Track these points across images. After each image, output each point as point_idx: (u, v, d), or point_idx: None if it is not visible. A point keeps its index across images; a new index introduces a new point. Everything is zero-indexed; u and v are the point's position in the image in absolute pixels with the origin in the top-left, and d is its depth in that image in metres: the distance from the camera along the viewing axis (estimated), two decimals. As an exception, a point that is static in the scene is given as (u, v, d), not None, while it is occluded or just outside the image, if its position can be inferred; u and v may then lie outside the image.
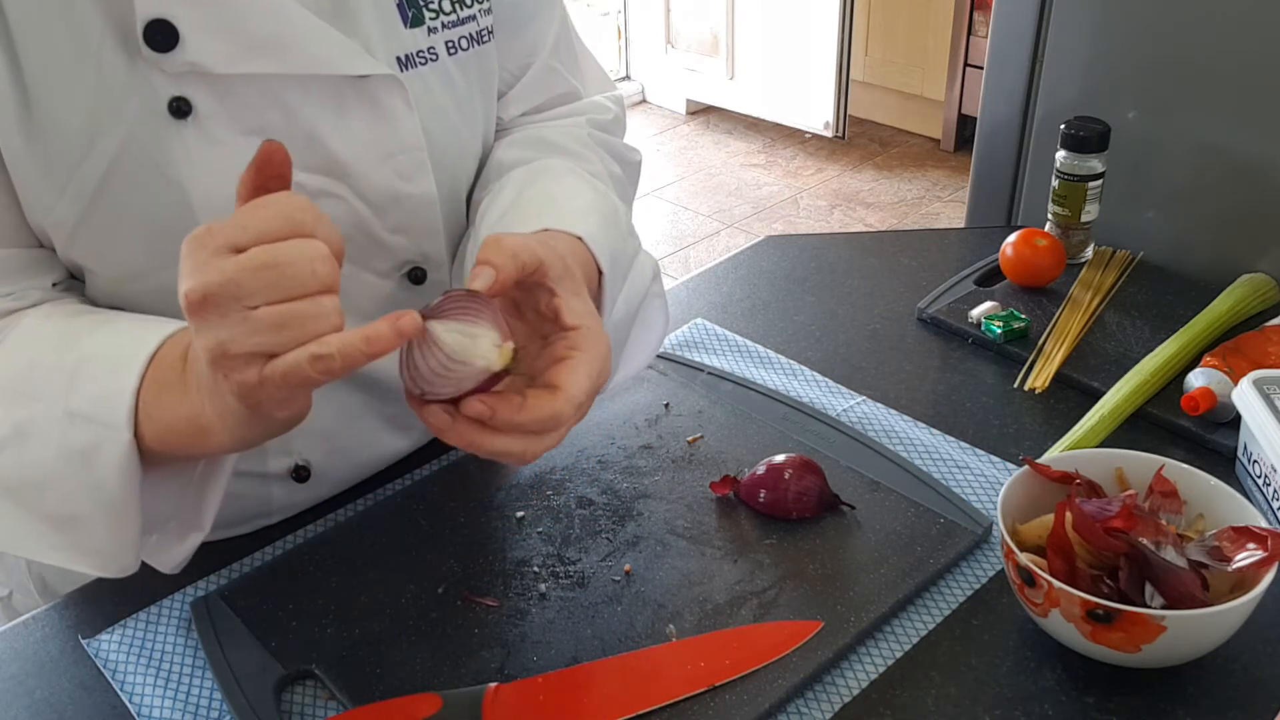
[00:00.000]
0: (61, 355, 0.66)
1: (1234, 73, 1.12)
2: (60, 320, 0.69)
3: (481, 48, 0.82)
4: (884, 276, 1.21)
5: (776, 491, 0.82)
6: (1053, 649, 0.74)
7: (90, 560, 0.68)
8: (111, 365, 0.64)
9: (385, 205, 0.77)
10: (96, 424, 0.64)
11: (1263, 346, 0.97)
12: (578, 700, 0.70)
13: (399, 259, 0.81)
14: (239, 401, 0.57)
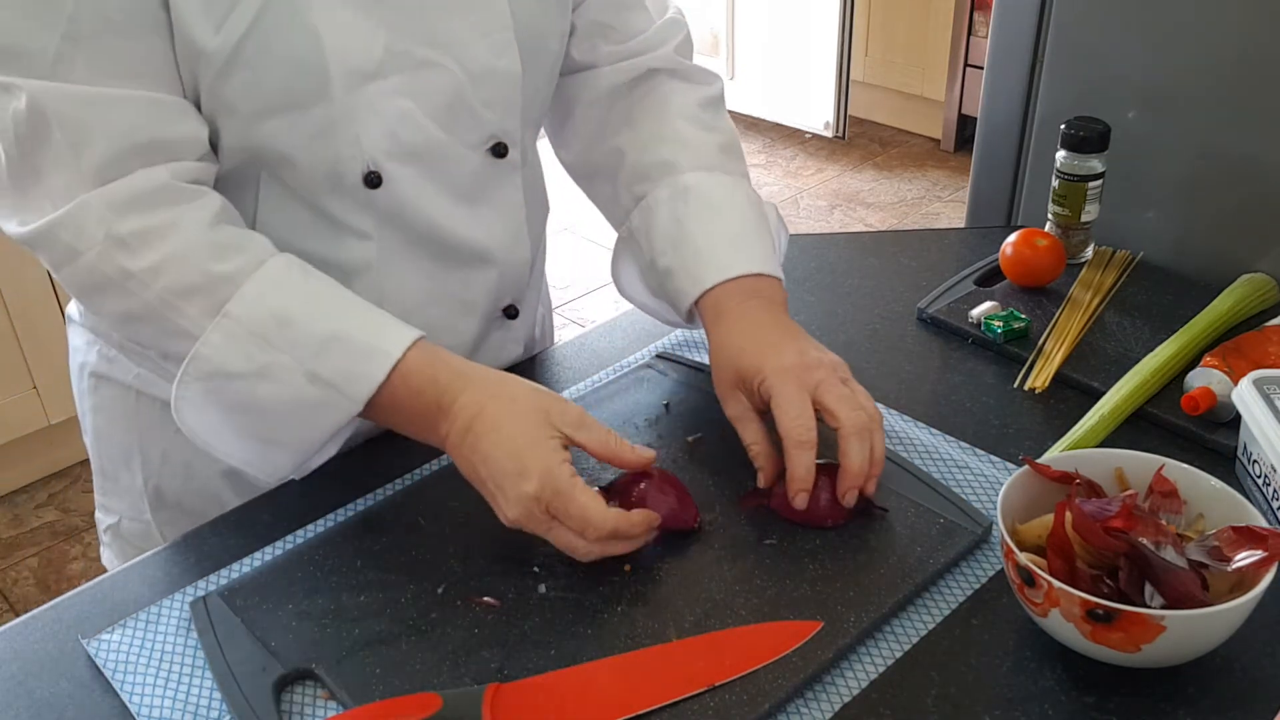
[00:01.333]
0: (313, 321, 0.79)
1: (1234, 73, 1.12)
2: (302, 281, 0.81)
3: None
4: (884, 276, 1.21)
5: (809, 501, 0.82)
6: (1053, 649, 0.74)
7: (264, 469, 0.84)
8: (365, 350, 0.79)
9: (480, 77, 0.87)
10: (335, 391, 0.79)
11: (1263, 346, 0.97)
12: (578, 700, 0.70)
13: (487, 132, 0.90)
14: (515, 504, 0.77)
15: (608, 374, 1.04)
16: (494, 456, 0.77)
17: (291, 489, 0.92)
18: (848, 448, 0.81)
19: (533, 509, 0.75)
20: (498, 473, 0.76)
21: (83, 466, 2.42)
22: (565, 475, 0.75)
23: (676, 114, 1.00)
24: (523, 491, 0.75)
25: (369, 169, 0.84)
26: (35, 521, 2.29)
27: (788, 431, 0.83)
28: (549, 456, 0.76)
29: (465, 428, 0.78)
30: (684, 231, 0.94)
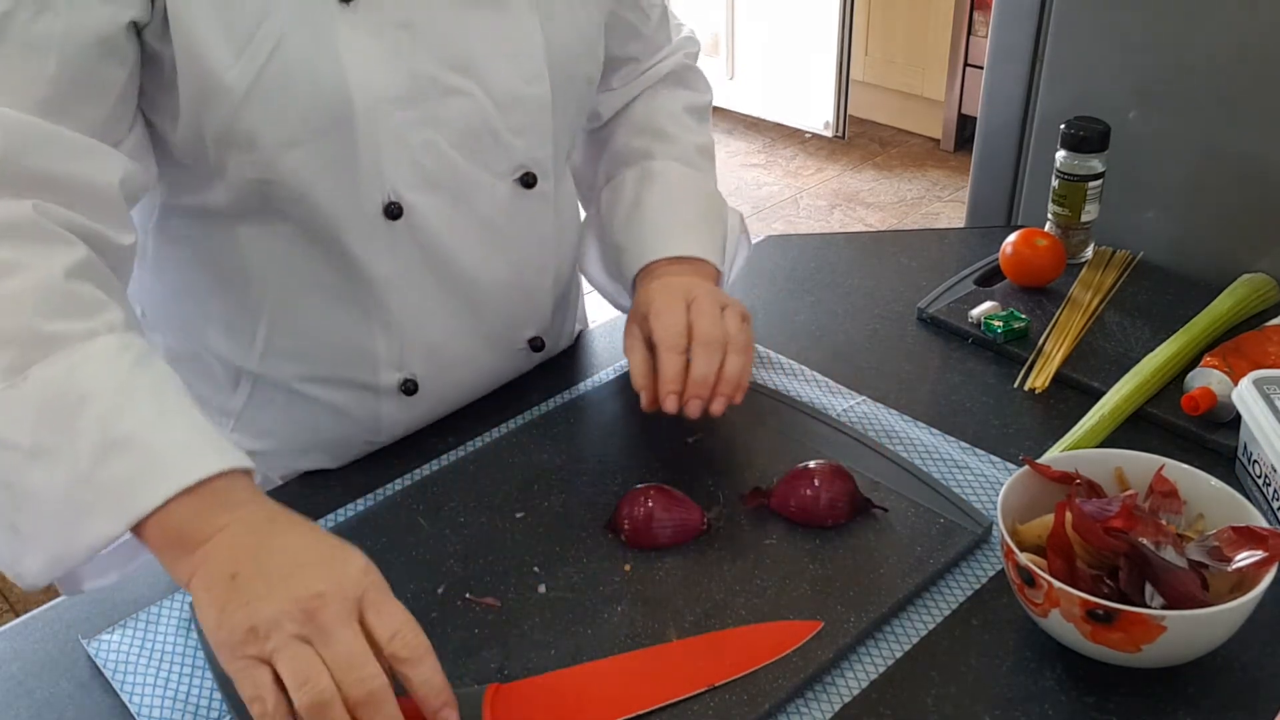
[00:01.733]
0: (112, 416, 0.66)
1: (1234, 73, 1.12)
2: (128, 369, 0.69)
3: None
4: (884, 276, 1.21)
5: (806, 500, 0.82)
6: (1053, 649, 0.74)
7: (10, 563, 0.68)
8: (154, 465, 0.66)
9: (508, 104, 0.84)
10: (104, 502, 0.65)
11: (1263, 346, 0.97)
12: (578, 700, 0.70)
13: (514, 162, 0.87)
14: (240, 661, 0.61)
15: (608, 374, 1.04)
16: (297, 543, 0.65)
17: (291, 490, 0.92)
18: (693, 357, 0.84)
19: (349, 587, 0.62)
20: (301, 554, 0.64)
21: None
22: None
23: (664, 112, 1.04)
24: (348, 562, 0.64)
25: (390, 200, 0.81)
26: (35, 521, 2.29)
27: (658, 336, 0.86)
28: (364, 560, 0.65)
29: (244, 530, 0.66)
30: (641, 211, 0.97)
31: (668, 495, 0.83)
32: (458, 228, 0.86)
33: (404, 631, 0.62)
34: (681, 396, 0.84)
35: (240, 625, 0.60)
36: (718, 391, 0.85)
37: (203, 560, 0.65)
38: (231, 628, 0.61)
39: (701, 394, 0.84)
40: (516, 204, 0.89)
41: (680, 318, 0.86)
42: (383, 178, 0.81)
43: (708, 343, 0.85)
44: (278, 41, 0.74)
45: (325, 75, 0.76)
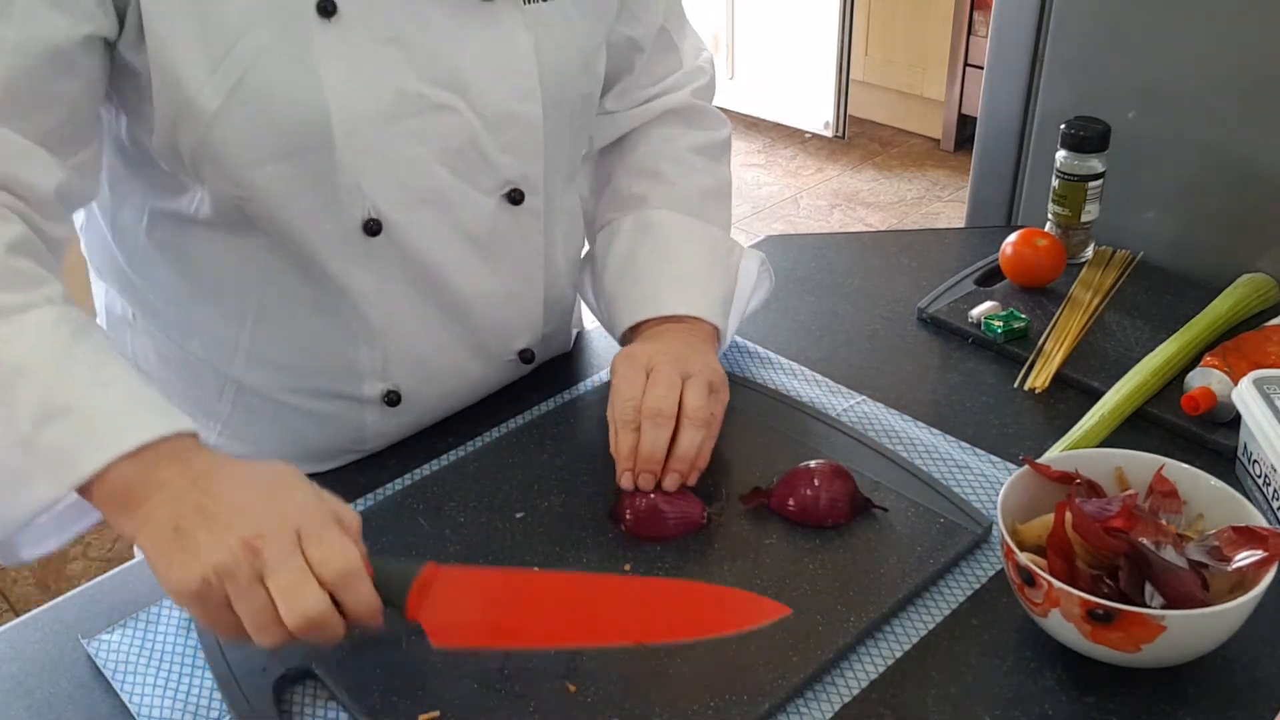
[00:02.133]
0: (51, 385, 0.68)
1: (1234, 73, 1.12)
2: (66, 340, 0.70)
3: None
4: (884, 276, 1.21)
5: (806, 500, 0.82)
6: (1053, 649, 0.74)
7: None
8: (92, 431, 0.67)
9: (497, 123, 0.83)
10: (43, 468, 0.67)
11: (1263, 346, 0.97)
12: (509, 609, 0.69)
13: (502, 177, 0.86)
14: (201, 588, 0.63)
15: (608, 374, 1.04)
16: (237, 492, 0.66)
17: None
18: (641, 432, 0.83)
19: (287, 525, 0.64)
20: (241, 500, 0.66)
21: (83, 466, 2.42)
22: None
23: (667, 153, 1.01)
24: (288, 499, 0.66)
25: (369, 216, 0.80)
26: (35, 521, 2.29)
27: (612, 413, 0.85)
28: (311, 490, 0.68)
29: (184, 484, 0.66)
30: (634, 265, 0.95)
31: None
32: (442, 243, 0.85)
33: (332, 560, 0.64)
34: None
35: (193, 577, 0.63)
36: (668, 468, 0.82)
37: (145, 518, 0.66)
38: (185, 579, 0.63)
39: (650, 469, 0.82)
40: (503, 220, 0.88)
41: (634, 389, 0.84)
42: (362, 195, 0.80)
43: (654, 415, 0.82)
44: (254, 59, 0.73)
45: (302, 93, 0.75)
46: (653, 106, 1.02)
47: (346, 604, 0.65)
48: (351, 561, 0.65)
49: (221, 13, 0.72)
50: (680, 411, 0.84)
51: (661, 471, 0.83)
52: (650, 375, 0.85)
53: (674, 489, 0.83)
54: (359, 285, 0.84)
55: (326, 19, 0.74)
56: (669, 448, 0.83)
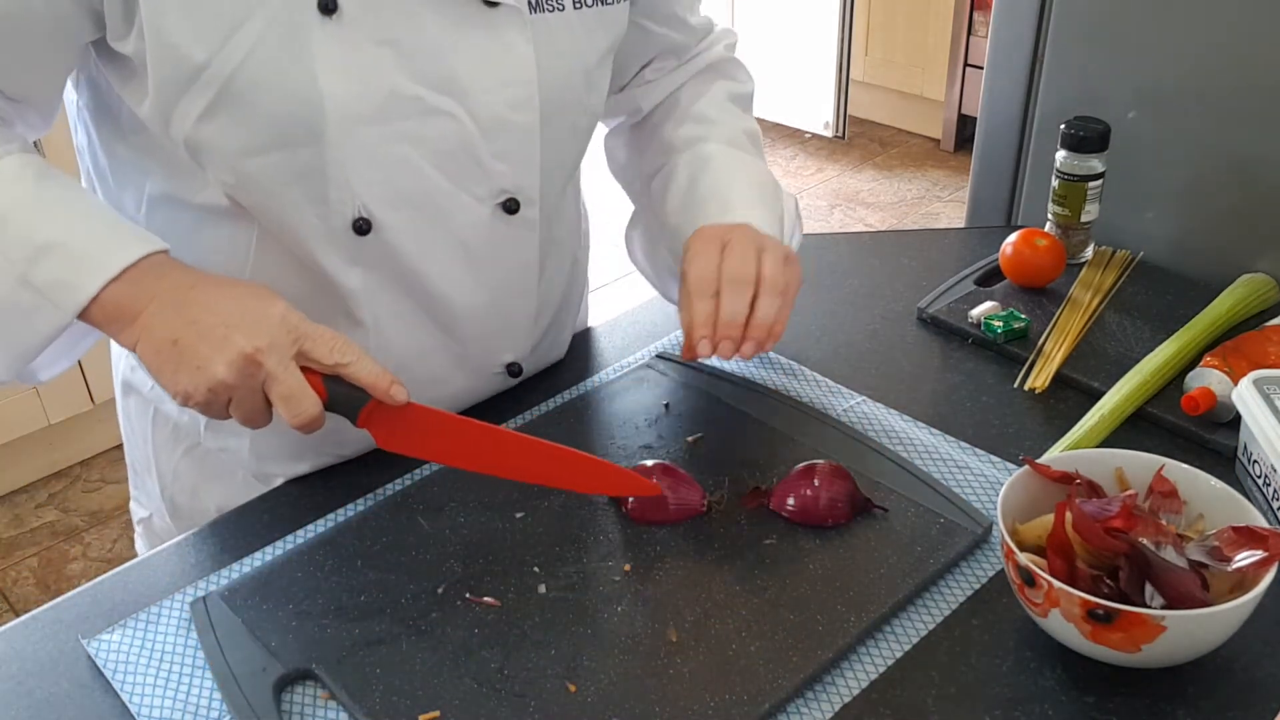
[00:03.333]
0: (33, 225, 0.75)
1: (1234, 73, 1.12)
2: (34, 183, 0.77)
3: (607, 8, 0.88)
4: (884, 276, 1.21)
5: (807, 500, 0.82)
6: (1053, 649, 0.74)
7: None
8: (80, 261, 0.75)
9: (492, 130, 0.83)
10: (46, 300, 0.75)
11: (1263, 346, 0.97)
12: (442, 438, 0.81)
13: (496, 186, 0.86)
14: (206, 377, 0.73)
15: (608, 374, 1.04)
16: (223, 303, 0.75)
17: (291, 490, 0.92)
18: (721, 298, 0.84)
19: (278, 331, 0.74)
20: (229, 312, 0.74)
21: (82, 466, 2.43)
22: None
23: (709, 100, 1.03)
24: (271, 311, 0.74)
25: (359, 215, 0.80)
26: (35, 521, 2.29)
27: (688, 282, 0.85)
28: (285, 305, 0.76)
29: (172, 298, 0.75)
30: (696, 189, 0.96)
31: (674, 474, 0.84)
32: (432, 247, 0.85)
33: (337, 344, 0.76)
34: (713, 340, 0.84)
35: (200, 386, 0.73)
36: (747, 335, 0.83)
37: (143, 329, 0.75)
38: (192, 388, 0.74)
39: (730, 335, 0.83)
40: (497, 229, 0.87)
41: (711, 260, 0.85)
42: (353, 193, 0.80)
43: (734, 281, 0.83)
44: (251, 49, 0.73)
45: (297, 86, 0.75)
46: (690, 66, 1.04)
47: (360, 379, 0.77)
48: (349, 343, 0.76)
49: (220, 1, 0.73)
50: (759, 279, 0.85)
51: (741, 338, 0.83)
52: (726, 247, 0.86)
53: (752, 355, 0.83)
54: (348, 283, 0.84)
55: (327, 16, 0.75)
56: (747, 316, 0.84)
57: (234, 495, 0.94)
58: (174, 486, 1.00)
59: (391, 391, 0.78)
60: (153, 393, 0.97)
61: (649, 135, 1.05)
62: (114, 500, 2.33)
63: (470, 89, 0.81)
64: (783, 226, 0.97)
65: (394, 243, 0.83)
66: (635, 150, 1.07)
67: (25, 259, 0.74)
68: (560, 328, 1.05)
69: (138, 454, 1.03)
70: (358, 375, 0.77)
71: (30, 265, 0.74)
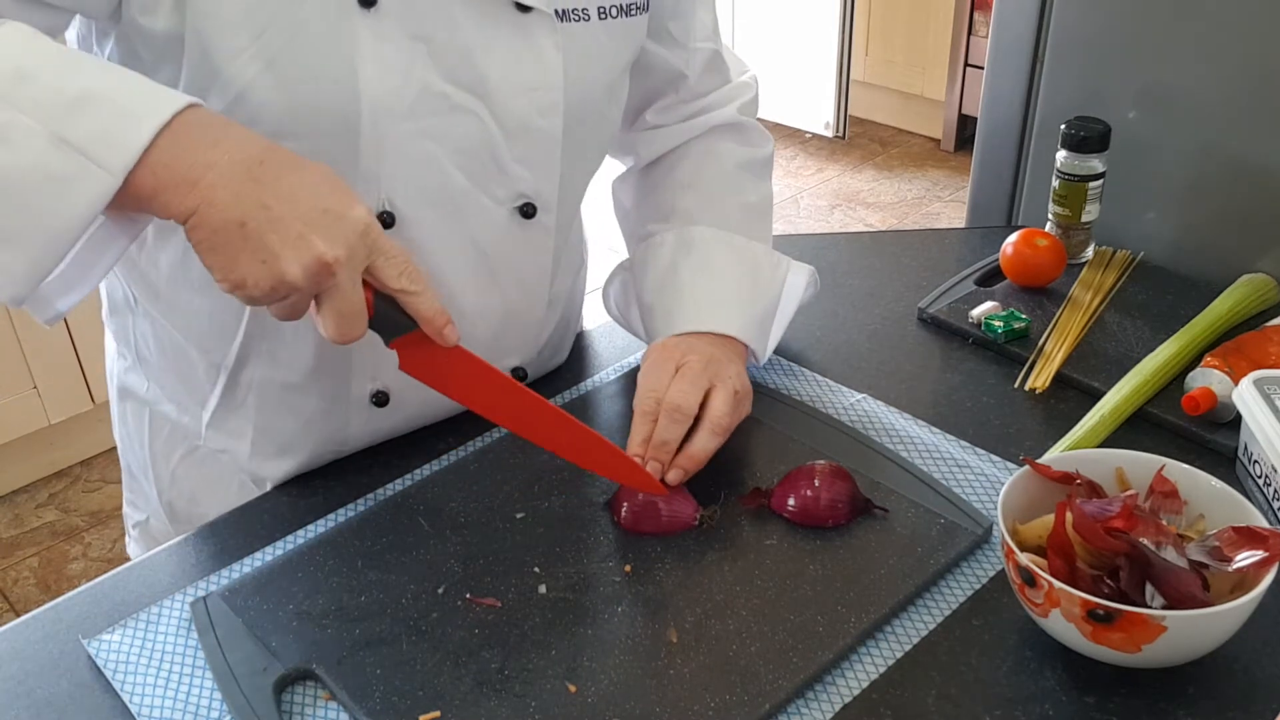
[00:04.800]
0: (61, 77, 0.66)
1: (1234, 73, 1.12)
2: (50, 41, 0.68)
3: (630, 19, 0.88)
4: (884, 276, 1.21)
5: (807, 501, 0.82)
6: (1053, 649, 0.74)
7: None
8: (124, 111, 0.65)
9: (515, 133, 0.83)
10: (86, 160, 0.64)
11: (1263, 346, 0.97)
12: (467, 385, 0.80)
13: (515, 189, 0.86)
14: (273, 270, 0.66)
15: (608, 374, 1.04)
16: (300, 191, 0.67)
17: (291, 490, 0.92)
18: (658, 423, 0.84)
19: (359, 243, 0.68)
20: (307, 207, 0.67)
21: (82, 466, 2.43)
22: None
23: (713, 169, 1.01)
24: (353, 216, 0.68)
25: (383, 208, 0.81)
26: (35, 521, 2.29)
27: (636, 399, 0.86)
28: None
29: (239, 170, 0.66)
30: (676, 279, 0.95)
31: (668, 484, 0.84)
32: (449, 247, 0.85)
33: (408, 269, 0.72)
34: None
35: (264, 280, 0.66)
36: (675, 463, 0.84)
37: (205, 201, 0.65)
38: (253, 280, 0.66)
39: (659, 458, 0.83)
40: (513, 232, 0.88)
41: (659, 382, 0.86)
42: (380, 186, 0.80)
43: (672, 411, 0.84)
44: (294, 35, 0.74)
45: (336, 75, 0.75)
46: (699, 122, 1.02)
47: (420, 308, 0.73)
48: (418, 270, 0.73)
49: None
50: (702, 414, 0.85)
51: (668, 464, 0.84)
52: (679, 370, 0.87)
53: (675, 483, 0.84)
54: None
55: (366, 9, 0.75)
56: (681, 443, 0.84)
57: (232, 499, 0.94)
58: (171, 491, 1.00)
59: (445, 332, 0.75)
60: (150, 394, 0.97)
61: (649, 191, 1.04)
62: (114, 500, 2.33)
63: (497, 91, 0.81)
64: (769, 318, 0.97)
65: (413, 239, 0.83)
66: (636, 202, 1.06)
67: (60, 112, 0.64)
68: (564, 334, 1.05)
69: (134, 458, 1.03)
70: (418, 306, 0.73)
71: (66, 118, 0.64)
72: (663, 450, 0.84)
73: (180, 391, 0.94)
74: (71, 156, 0.64)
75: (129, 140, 0.64)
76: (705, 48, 1.00)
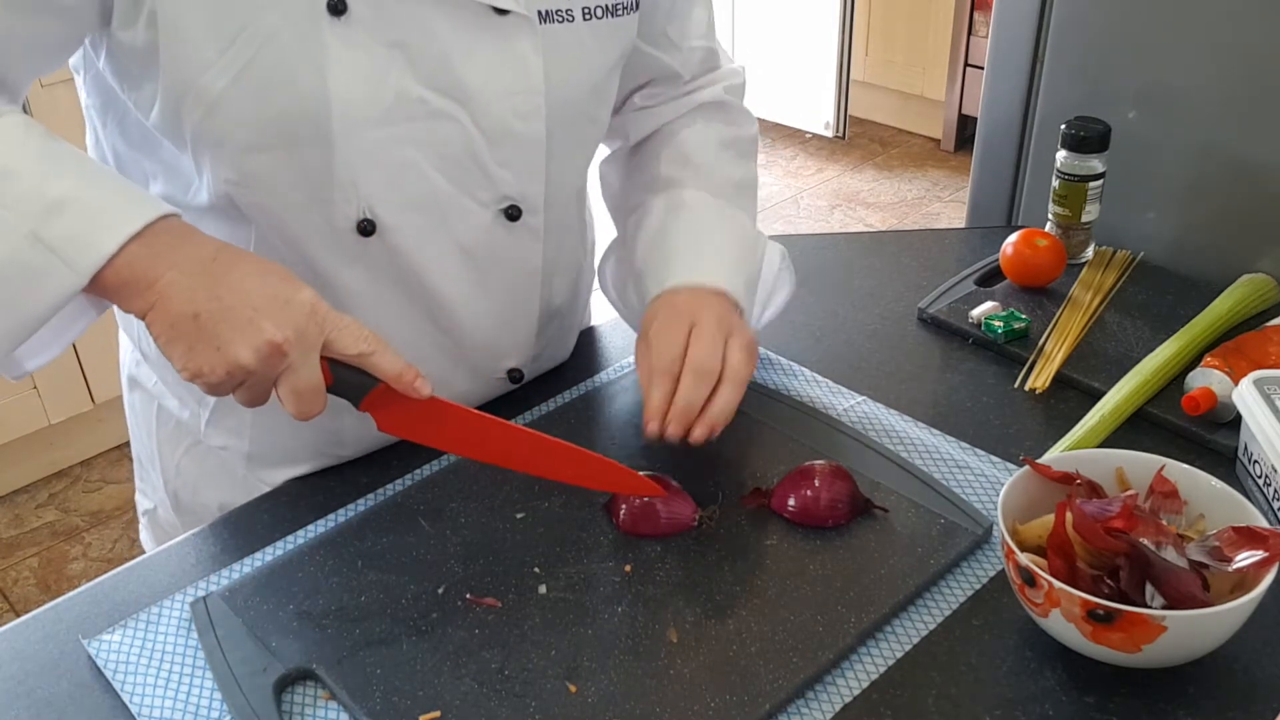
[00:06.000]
0: (45, 180, 0.71)
1: (1234, 73, 1.12)
2: (42, 141, 0.73)
3: (617, 19, 0.87)
4: (884, 276, 1.21)
5: (807, 501, 0.82)
6: (1053, 649, 0.74)
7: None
8: (98, 216, 0.70)
9: (497, 137, 0.83)
10: (58, 259, 0.69)
11: (1263, 347, 0.97)
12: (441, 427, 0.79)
13: (499, 192, 0.85)
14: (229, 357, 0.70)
15: (608, 374, 1.04)
16: (248, 282, 0.71)
17: (291, 490, 0.92)
18: (682, 384, 0.83)
19: (307, 323, 0.71)
20: (256, 295, 0.70)
21: (83, 466, 2.43)
22: None
23: (699, 145, 1.01)
24: (300, 299, 0.71)
25: (363, 216, 0.80)
26: (35, 521, 2.29)
27: (653, 360, 0.84)
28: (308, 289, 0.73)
29: (194, 269, 0.71)
30: (666, 237, 0.94)
31: (667, 486, 0.84)
32: (435, 252, 0.85)
33: (362, 335, 0.74)
34: None
35: (218, 367, 0.70)
36: (701, 419, 0.83)
37: (160, 299, 0.70)
38: (208, 368, 0.70)
39: (684, 420, 0.83)
40: (499, 235, 0.87)
41: (677, 342, 0.84)
42: (358, 194, 0.80)
43: (699, 370, 0.83)
44: (263, 44, 0.73)
45: (306, 84, 0.75)
46: (686, 100, 1.02)
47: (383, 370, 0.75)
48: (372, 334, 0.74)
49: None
50: (721, 370, 0.84)
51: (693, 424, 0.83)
52: (695, 328, 0.85)
53: (702, 440, 0.83)
54: (349, 285, 0.84)
55: (336, 17, 0.75)
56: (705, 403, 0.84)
57: (234, 493, 0.95)
58: (176, 481, 1.00)
59: (416, 385, 0.76)
60: (156, 388, 0.97)
61: (636, 168, 1.03)
62: (114, 500, 2.33)
63: (476, 95, 0.80)
64: (752, 285, 0.96)
65: (397, 245, 0.83)
66: (622, 178, 1.06)
67: (38, 213, 0.69)
68: (565, 334, 1.05)
69: (143, 448, 1.03)
70: (380, 365, 0.75)
71: (43, 220, 0.69)
72: (688, 413, 0.82)
73: (181, 388, 0.94)
74: (43, 256, 0.69)
75: (98, 245, 0.70)
76: (700, 46, 1.00)
